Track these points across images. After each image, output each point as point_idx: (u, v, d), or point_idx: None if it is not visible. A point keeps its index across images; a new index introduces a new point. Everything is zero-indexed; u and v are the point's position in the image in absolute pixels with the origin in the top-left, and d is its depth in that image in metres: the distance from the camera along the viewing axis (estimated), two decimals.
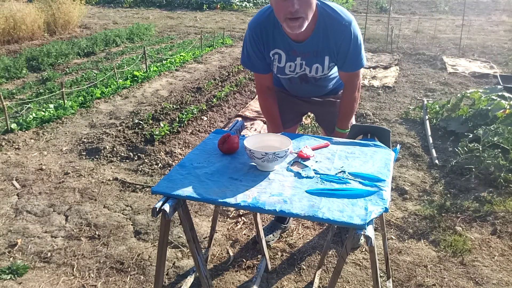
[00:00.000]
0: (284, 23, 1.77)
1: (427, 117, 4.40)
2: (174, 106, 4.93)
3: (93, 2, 16.55)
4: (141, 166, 3.46)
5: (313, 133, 4.11)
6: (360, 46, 1.92)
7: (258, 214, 2.12)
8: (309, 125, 4.28)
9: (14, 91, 5.42)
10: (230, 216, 2.83)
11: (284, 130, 2.23)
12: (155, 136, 3.91)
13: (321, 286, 2.19)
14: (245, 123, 3.40)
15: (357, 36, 1.89)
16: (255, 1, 16.29)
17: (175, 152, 3.68)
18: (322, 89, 2.23)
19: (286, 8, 1.69)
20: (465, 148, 3.45)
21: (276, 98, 2.36)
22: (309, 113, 3.32)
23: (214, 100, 5.07)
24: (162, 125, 4.17)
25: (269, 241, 2.49)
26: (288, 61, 1.98)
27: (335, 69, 2.09)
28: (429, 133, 4.05)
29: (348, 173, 1.55)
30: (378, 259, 1.79)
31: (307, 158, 1.66)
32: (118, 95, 5.38)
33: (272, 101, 2.19)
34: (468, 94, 4.40)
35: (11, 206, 2.88)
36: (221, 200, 1.40)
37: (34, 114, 4.38)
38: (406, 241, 2.56)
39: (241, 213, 2.84)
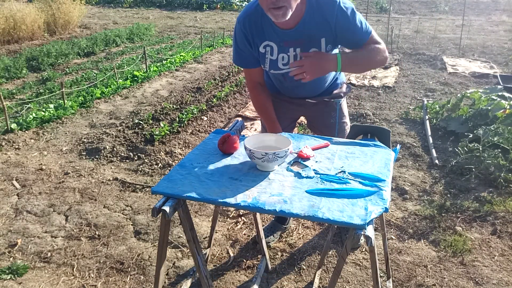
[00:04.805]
0: (269, 13, 1.78)
1: (427, 117, 4.40)
2: (174, 106, 4.93)
3: (93, 2, 16.57)
4: (141, 166, 3.46)
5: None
6: (356, 16, 1.88)
7: (258, 214, 2.12)
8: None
9: (14, 91, 5.42)
10: (230, 216, 2.83)
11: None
12: (155, 136, 3.91)
13: (321, 286, 2.19)
14: (245, 123, 3.40)
15: (350, 8, 1.87)
16: None
17: (175, 152, 3.68)
18: (317, 85, 2.18)
19: None
20: (465, 148, 3.45)
21: None
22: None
23: (214, 100, 5.07)
24: (162, 125, 4.17)
25: (269, 242, 2.49)
26: (280, 52, 1.96)
27: (336, 51, 2.02)
28: (429, 133, 4.05)
29: (348, 173, 1.55)
30: (378, 259, 1.79)
31: (307, 158, 1.66)
32: (118, 95, 5.38)
33: (265, 96, 2.14)
34: (468, 94, 4.40)
35: (11, 206, 2.88)
36: (221, 200, 1.39)
37: (34, 114, 4.38)
38: (406, 241, 2.55)
39: (241, 213, 2.84)
